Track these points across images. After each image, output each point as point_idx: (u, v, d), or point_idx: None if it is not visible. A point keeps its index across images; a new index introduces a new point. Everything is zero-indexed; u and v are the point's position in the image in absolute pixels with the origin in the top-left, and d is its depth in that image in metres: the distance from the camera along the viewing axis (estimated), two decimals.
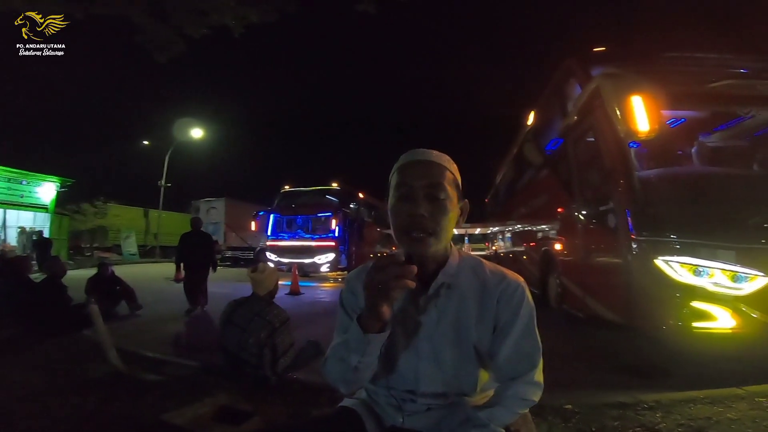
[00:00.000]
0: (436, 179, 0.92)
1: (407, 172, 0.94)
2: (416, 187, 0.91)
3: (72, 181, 18.01)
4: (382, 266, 0.79)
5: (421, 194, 0.91)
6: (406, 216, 0.90)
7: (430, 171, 0.93)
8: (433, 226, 0.90)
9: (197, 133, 21.56)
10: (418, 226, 0.89)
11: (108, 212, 24.02)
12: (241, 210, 20.98)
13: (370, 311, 0.82)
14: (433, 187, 0.91)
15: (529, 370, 0.93)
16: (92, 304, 3.29)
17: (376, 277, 0.79)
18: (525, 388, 0.92)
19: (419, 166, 0.94)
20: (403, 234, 0.91)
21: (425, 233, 0.89)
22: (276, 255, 13.06)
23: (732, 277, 3.00)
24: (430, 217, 0.90)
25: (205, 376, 2.87)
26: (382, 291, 0.78)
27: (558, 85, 5.27)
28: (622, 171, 3.50)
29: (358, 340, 0.84)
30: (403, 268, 0.78)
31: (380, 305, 0.80)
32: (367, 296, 0.82)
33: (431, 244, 0.91)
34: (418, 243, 0.90)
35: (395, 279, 0.77)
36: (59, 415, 2.20)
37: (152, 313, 5.76)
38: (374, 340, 0.84)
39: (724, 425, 2.06)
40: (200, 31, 5.26)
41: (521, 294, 0.95)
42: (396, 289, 0.78)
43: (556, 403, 2.27)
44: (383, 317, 0.82)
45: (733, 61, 4.35)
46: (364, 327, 0.83)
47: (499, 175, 9.95)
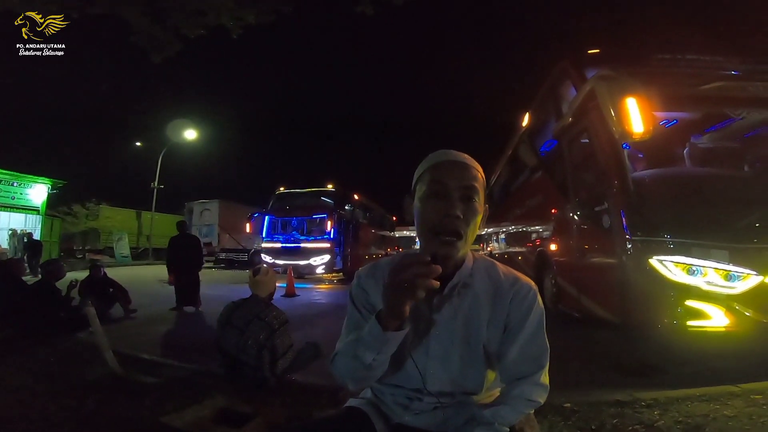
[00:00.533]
0: (471, 181, 0.92)
1: (442, 170, 0.93)
2: (452, 187, 0.91)
3: (64, 183, 17.85)
4: (407, 265, 0.78)
5: (456, 195, 0.90)
6: (440, 215, 0.89)
7: (466, 173, 0.93)
8: (465, 228, 0.90)
9: (191, 135, 21.42)
10: (451, 227, 0.89)
11: (100, 214, 23.82)
12: (235, 212, 20.87)
13: (392, 309, 0.81)
14: (468, 188, 0.91)
15: (535, 371, 0.93)
16: (89, 307, 3.25)
17: (402, 275, 0.78)
18: (531, 389, 0.93)
19: (455, 166, 0.94)
20: (432, 234, 0.91)
21: (456, 235, 0.89)
22: (271, 257, 12.99)
23: (725, 276, 3.04)
24: (464, 218, 0.89)
25: (203, 378, 2.86)
26: (408, 290, 0.77)
27: (553, 86, 5.31)
28: (617, 172, 3.53)
29: (375, 338, 0.84)
30: (429, 268, 0.77)
31: (403, 304, 0.80)
32: (391, 294, 0.81)
33: (460, 247, 0.91)
34: (448, 246, 0.89)
35: (421, 278, 0.76)
36: (56, 418, 2.17)
37: (147, 315, 5.72)
38: (393, 338, 0.84)
39: (720, 422, 2.08)
40: (197, 31, 5.25)
41: (533, 297, 0.97)
42: (421, 288, 0.77)
43: (556, 402, 2.29)
44: (403, 315, 0.82)
45: (724, 63, 4.42)
46: (383, 325, 0.83)
47: (494, 176, 9.98)
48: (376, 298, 0.99)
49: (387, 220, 21.84)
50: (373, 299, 1.00)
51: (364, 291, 1.03)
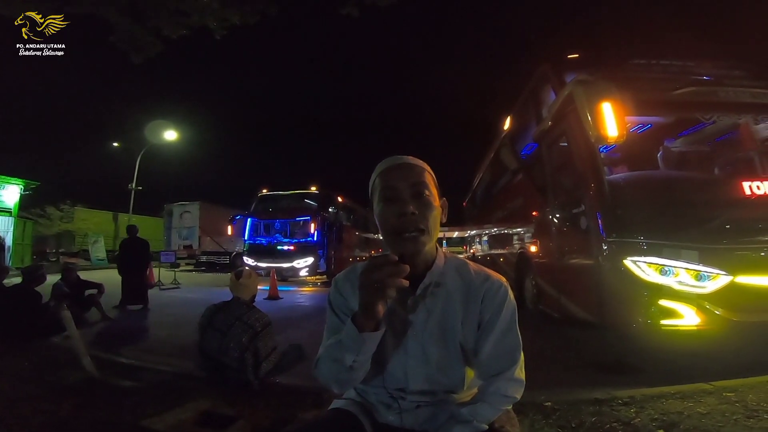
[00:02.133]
0: (419, 178, 0.96)
1: (390, 175, 0.97)
2: (401, 188, 0.94)
3: (37, 184, 17.22)
4: (376, 265, 0.81)
5: (407, 193, 0.94)
6: (395, 217, 0.92)
7: (412, 171, 0.97)
8: (423, 222, 0.92)
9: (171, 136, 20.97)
10: (409, 224, 0.91)
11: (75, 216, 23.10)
12: (217, 214, 20.49)
13: (366, 310, 0.84)
14: (417, 185, 0.95)
15: (510, 366, 0.96)
16: (64, 310, 3.15)
17: (372, 276, 0.80)
18: (507, 384, 0.95)
19: (400, 168, 0.98)
20: (394, 235, 0.93)
21: (417, 231, 0.92)
22: (254, 259, 12.81)
23: (696, 276, 3.10)
24: (419, 214, 0.92)
25: (184, 381, 2.81)
26: (378, 290, 0.80)
27: (533, 90, 5.39)
28: (593, 175, 3.60)
29: (353, 340, 0.86)
30: (398, 267, 0.80)
31: (376, 304, 0.82)
32: (363, 295, 0.83)
33: (423, 242, 0.93)
34: (411, 242, 0.92)
35: (390, 278, 0.79)
36: (32, 423, 2.11)
37: (124, 318, 5.57)
38: (369, 339, 0.86)
39: (695, 419, 2.13)
40: (179, 32, 5.15)
41: (504, 293, 0.99)
42: (391, 287, 0.79)
43: (537, 400, 2.33)
44: (378, 316, 0.84)
45: (696, 68, 4.53)
46: (359, 326, 0.85)
47: (476, 179, 10.09)
48: (354, 303, 1.00)
49: (371, 222, 21.77)
50: (351, 303, 1.02)
51: (341, 296, 1.05)
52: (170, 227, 21.09)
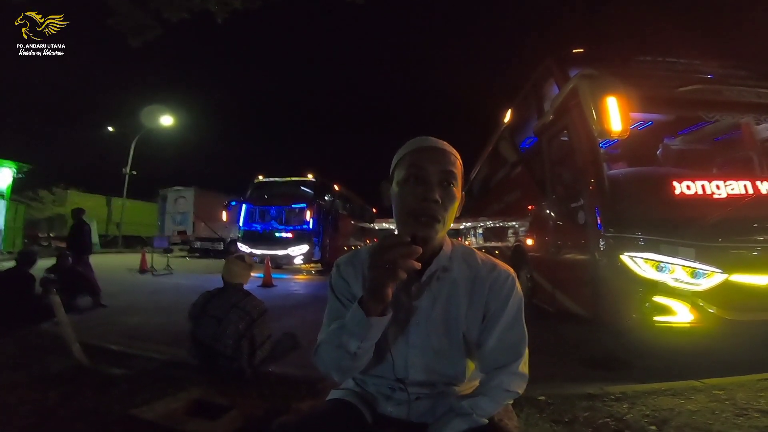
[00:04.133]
0: (450, 167, 0.93)
1: (422, 155, 0.93)
2: (431, 172, 0.91)
3: (30, 167, 16.94)
4: (388, 246, 0.78)
5: (435, 179, 0.91)
6: (418, 199, 0.89)
7: (445, 158, 0.93)
8: (442, 213, 0.90)
9: (167, 121, 20.70)
10: (429, 211, 0.89)
11: (67, 200, 22.79)
12: (211, 200, 20.31)
13: (375, 292, 0.80)
14: (447, 174, 0.92)
15: (514, 360, 0.93)
16: (53, 295, 3.09)
17: (384, 256, 0.77)
18: (509, 378, 0.92)
19: (434, 152, 0.94)
20: (410, 216, 0.90)
21: (434, 219, 0.89)
22: (248, 246, 12.76)
23: (691, 273, 3.12)
24: (442, 203, 0.89)
25: (175, 369, 2.77)
26: (390, 270, 0.77)
27: (536, 84, 5.34)
28: (594, 169, 3.59)
29: (359, 324, 0.83)
30: (410, 248, 0.77)
31: (386, 286, 0.79)
32: (374, 276, 0.80)
33: (438, 230, 0.91)
34: (426, 227, 0.89)
35: (402, 258, 0.76)
36: (18, 411, 2.07)
37: (115, 305, 5.52)
38: (376, 324, 0.83)
39: (685, 416, 2.15)
40: (180, 15, 5.04)
41: (511, 284, 0.97)
42: (402, 268, 0.77)
43: (531, 394, 2.33)
44: (386, 299, 0.81)
45: (700, 66, 4.52)
46: (366, 310, 0.81)
47: (474, 171, 10.05)
48: (357, 288, 0.99)
49: (367, 211, 21.77)
50: (354, 288, 1.00)
51: (343, 280, 1.02)
52: (164, 212, 20.91)
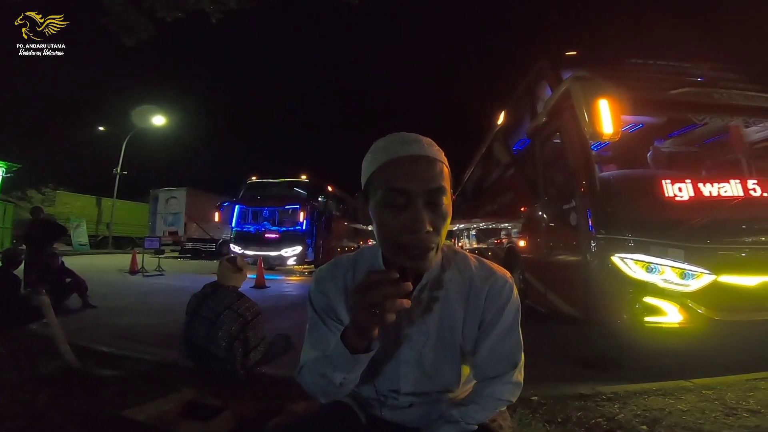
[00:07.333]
0: (438, 182, 0.77)
1: (400, 171, 0.76)
2: (414, 193, 0.75)
3: (19, 167, 16.69)
4: (373, 284, 0.67)
5: (421, 203, 0.75)
6: (404, 232, 0.75)
7: (429, 171, 0.77)
8: (437, 239, 0.77)
9: (159, 120, 20.50)
10: (421, 243, 0.75)
11: (57, 200, 22.46)
12: (204, 200, 20.18)
13: (359, 333, 0.73)
14: (434, 192, 0.76)
15: (509, 370, 0.90)
16: (43, 296, 3.04)
17: (368, 297, 0.67)
18: (502, 388, 0.90)
19: (415, 164, 0.77)
20: (398, 248, 0.77)
21: (428, 249, 0.76)
22: (241, 247, 12.67)
23: (680, 275, 3.15)
24: (434, 230, 0.76)
25: (167, 370, 2.75)
26: (376, 315, 0.67)
27: (529, 86, 5.38)
28: (585, 171, 3.62)
29: (342, 359, 0.75)
30: (398, 287, 0.66)
31: (372, 329, 0.70)
32: (358, 318, 0.71)
33: (432, 258, 0.78)
34: (420, 259, 0.76)
35: (390, 300, 0.66)
36: (7, 413, 2.04)
37: (106, 305, 5.45)
38: (362, 359, 0.76)
39: (675, 416, 2.17)
40: (174, 15, 5.01)
41: (509, 291, 0.91)
42: (390, 311, 0.67)
43: (524, 395, 2.33)
44: (372, 338, 0.73)
45: (691, 69, 4.58)
46: (350, 347, 0.74)
47: (467, 172, 10.09)
48: (338, 303, 0.91)
49: (361, 213, 21.75)
50: (335, 304, 0.92)
51: (323, 295, 0.93)
52: (155, 213, 20.72)
